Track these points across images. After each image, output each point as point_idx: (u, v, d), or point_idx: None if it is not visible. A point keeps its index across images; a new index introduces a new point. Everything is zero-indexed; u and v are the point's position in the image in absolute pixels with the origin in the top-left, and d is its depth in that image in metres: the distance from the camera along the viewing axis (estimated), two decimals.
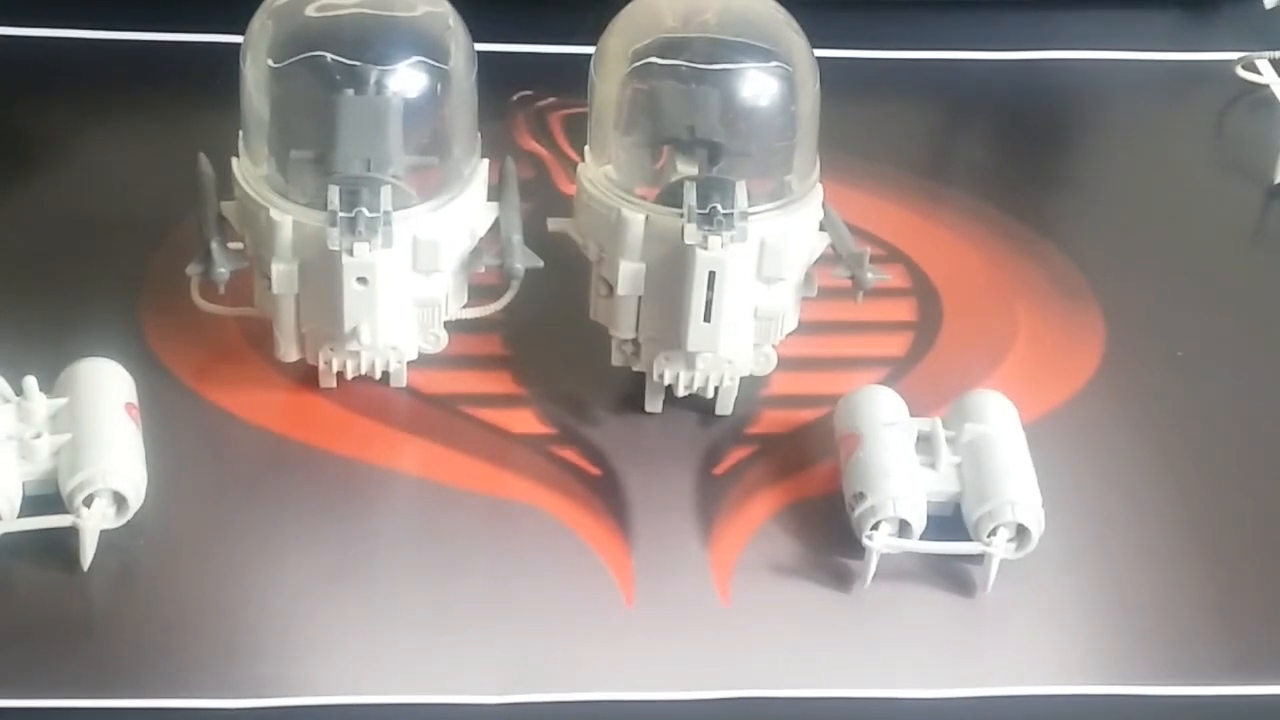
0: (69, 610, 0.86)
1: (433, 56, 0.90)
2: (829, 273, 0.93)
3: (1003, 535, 0.89)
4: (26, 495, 0.87)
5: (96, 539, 0.86)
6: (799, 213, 0.92)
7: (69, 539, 0.86)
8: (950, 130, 1.20)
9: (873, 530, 0.88)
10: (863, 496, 0.89)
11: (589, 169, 0.93)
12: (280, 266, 0.90)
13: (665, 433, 0.95)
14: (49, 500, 0.87)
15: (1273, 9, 1.24)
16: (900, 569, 0.89)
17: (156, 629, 0.85)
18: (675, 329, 0.91)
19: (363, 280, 0.88)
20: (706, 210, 0.89)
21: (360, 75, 0.90)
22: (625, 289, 0.91)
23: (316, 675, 0.84)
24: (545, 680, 0.84)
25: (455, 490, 0.92)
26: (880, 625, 0.88)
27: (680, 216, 0.89)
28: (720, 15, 0.93)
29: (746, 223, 0.89)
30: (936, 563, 0.90)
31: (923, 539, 0.89)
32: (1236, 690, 0.86)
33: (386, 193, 0.89)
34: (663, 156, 0.93)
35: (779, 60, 0.91)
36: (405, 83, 0.90)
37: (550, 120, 1.14)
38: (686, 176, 0.91)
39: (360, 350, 0.92)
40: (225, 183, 0.92)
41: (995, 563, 0.88)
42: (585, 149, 0.93)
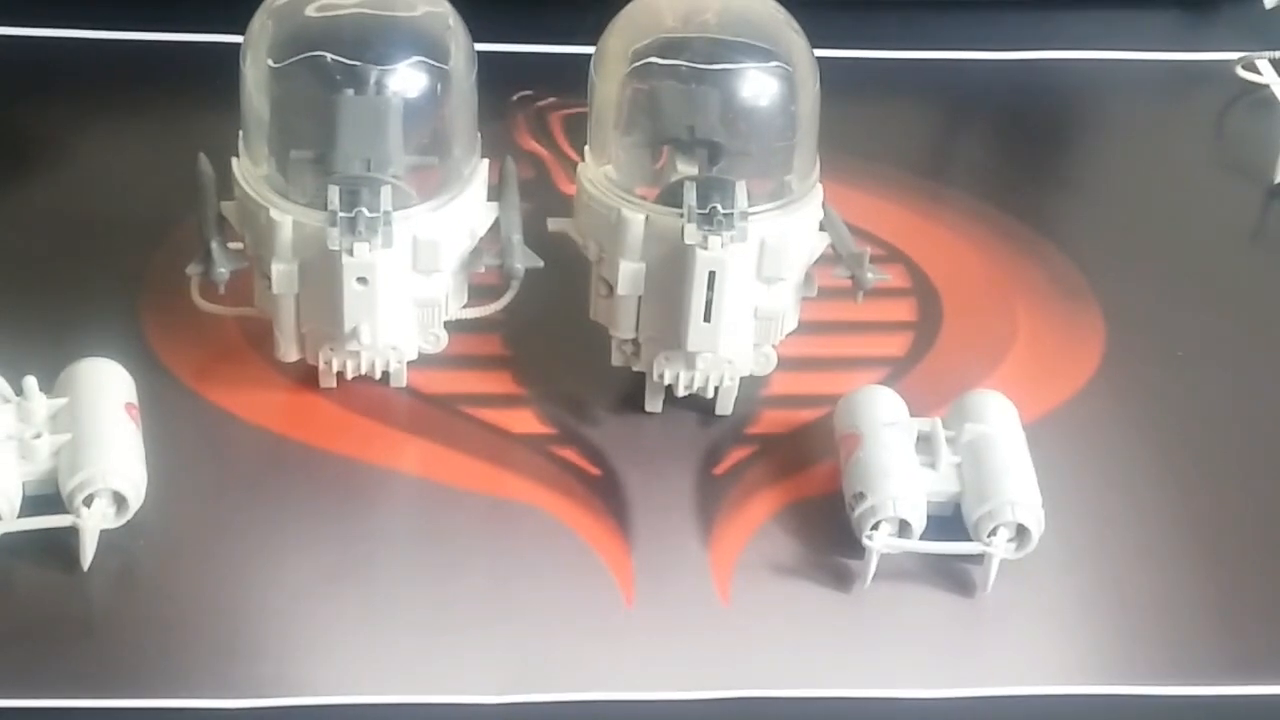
0: (69, 610, 0.86)
1: (433, 56, 0.90)
2: (829, 273, 0.93)
3: (1003, 535, 0.89)
4: (26, 495, 0.87)
5: (96, 539, 0.86)
6: (799, 213, 0.92)
7: (69, 539, 0.86)
8: (950, 130, 1.20)
9: (873, 530, 0.88)
10: (863, 496, 0.89)
11: (589, 169, 0.93)
12: (280, 266, 0.90)
13: (665, 433, 0.95)
14: (49, 500, 0.87)
15: (1273, 9, 1.24)
16: (900, 569, 0.89)
17: (156, 629, 0.85)
18: (675, 329, 0.91)
19: (363, 280, 0.88)
20: (706, 210, 0.89)
21: (360, 75, 0.90)
22: (625, 289, 0.91)
23: (316, 675, 0.84)
24: (545, 680, 0.84)
25: (455, 490, 0.92)
26: (880, 625, 0.88)
27: (680, 216, 0.89)
28: (720, 15, 0.93)
29: (746, 223, 0.89)
30: (936, 563, 0.90)
31: (923, 539, 0.89)
32: (1236, 690, 0.86)
33: (386, 193, 0.89)
34: (663, 156, 0.93)
35: (779, 60, 0.91)
36: (405, 83, 0.90)
37: (550, 120, 1.14)
38: (686, 176, 0.91)
39: (360, 350, 0.92)
40: (225, 183, 0.92)
41: (995, 563, 0.88)
42: (585, 149, 0.93)
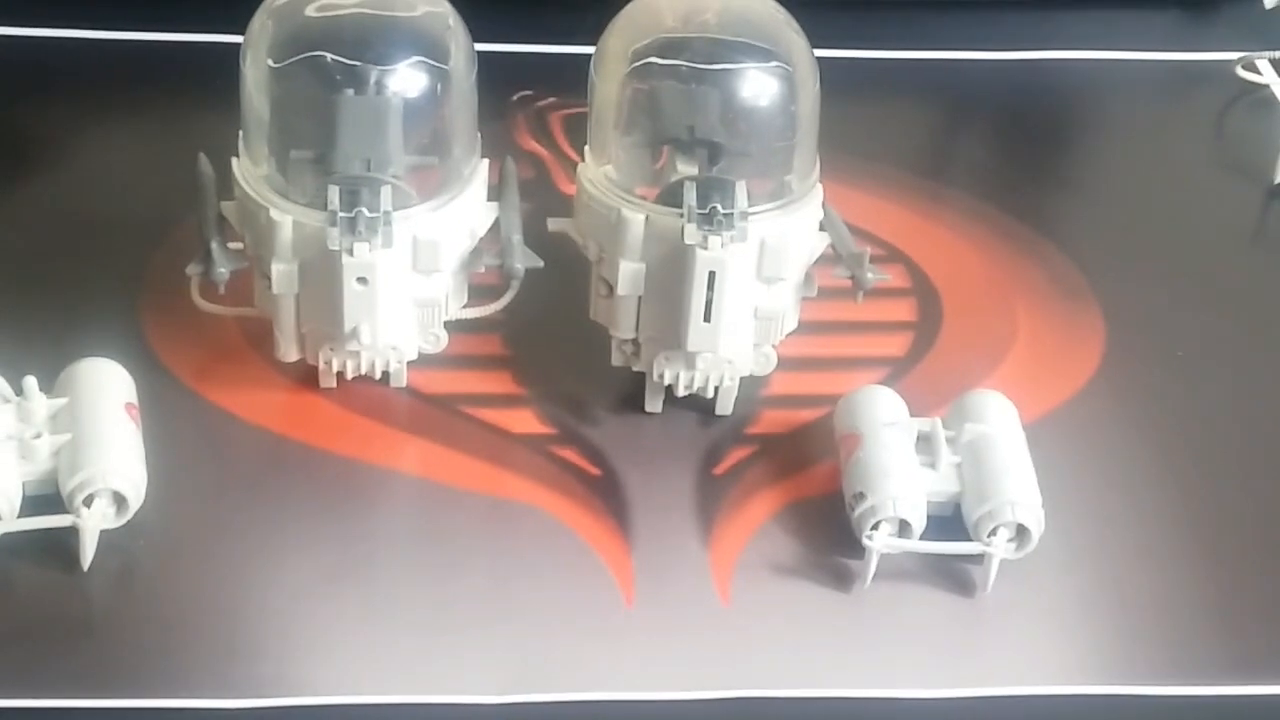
0: (69, 610, 0.86)
1: (433, 56, 0.90)
2: (829, 273, 0.93)
3: (1003, 535, 0.89)
4: (26, 495, 0.87)
5: (96, 539, 0.86)
6: (799, 213, 0.92)
7: (69, 539, 0.86)
8: (950, 130, 1.20)
9: (873, 530, 0.88)
10: (863, 496, 0.89)
11: (589, 169, 0.93)
12: (280, 266, 0.90)
13: (665, 433, 0.95)
14: (49, 500, 0.87)
15: (1273, 9, 1.24)
16: (900, 569, 0.89)
17: (156, 629, 0.85)
18: (675, 329, 0.91)
19: (363, 280, 0.88)
20: (706, 210, 0.89)
21: (360, 75, 0.90)
22: (625, 289, 0.91)
23: (316, 675, 0.84)
24: (545, 680, 0.84)
25: (455, 490, 0.92)
26: (880, 625, 0.88)
27: (680, 216, 0.89)
28: (720, 15, 0.93)
29: (746, 223, 0.89)
30: (936, 563, 0.89)
31: (923, 539, 0.89)
32: (1236, 690, 0.86)
33: (386, 193, 0.89)
34: (663, 156, 0.93)
35: (779, 60, 0.91)
36: (405, 83, 0.90)
37: (550, 120, 1.14)
38: (686, 176, 0.91)
39: (360, 350, 0.92)
40: (225, 183, 0.92)
41: (995, 563, 0.88)
42: (585, 149, 0.93)
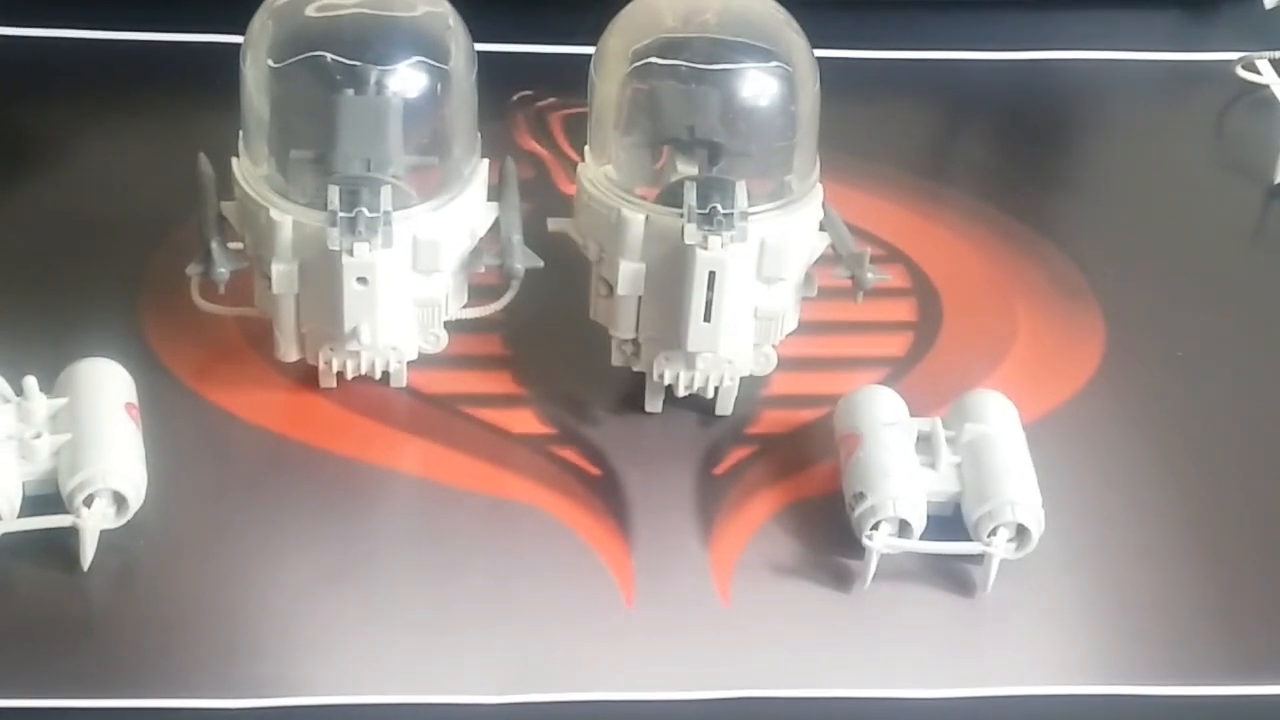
0: (69, 610, 0.85)
1: (433, 56, 0.90)
2: (829, 273, 0.93)
3: (1003, 535, 0.89)
4: (26, 495, 0.87)
5: (96, 539, 0.86)
6: (799, 213, 0.92)
7: (69, 539, 0.86)
8: (950, 130, 1.20)
9: (873, 530, 0.88)
10: (863, 496, 0.89)
11: (589, 169, 0.93)
12: (280, 266, 0.90)
13: (665, 433, 0.95)
14: (49, 500, 0.87)
15: (1273, 9, 1.24)
16: (900, 569, 0.89)
17: (156, 629, 0.85)
18: (675, 329, 0.91)
19: (363, 280, 0.88)
20: (706, 210, 0.89)
21: (360, 75, 0.90)
22: (625, 289, 0.91)
23: (316, 675, 0.84)
24: (545, 680, 0.84)
25: (455, 490, 0.92)
26: (880, 625, 0.88)
27: (680, 216, 0.89)
28: (720, 15, 0.93)
29: (746, 223, 0.89)
30: (936, 563, 0.89)
31: (923, 539, 0.89)
32: (1236, 690, 0.86)
33: (386, 193, 0.89)
34: (663, 156, 0.93)
35: (779, 60, 0.91)
36: (405, 83, 0.90)
37: (550, 120, 1.14)
38: (686, 176, 0.91)
39: (360, 350, 0.92)
40: (225, 183, 0.92)
41: (995, 563, 0.88)
42: (585, 149, 0.93)
